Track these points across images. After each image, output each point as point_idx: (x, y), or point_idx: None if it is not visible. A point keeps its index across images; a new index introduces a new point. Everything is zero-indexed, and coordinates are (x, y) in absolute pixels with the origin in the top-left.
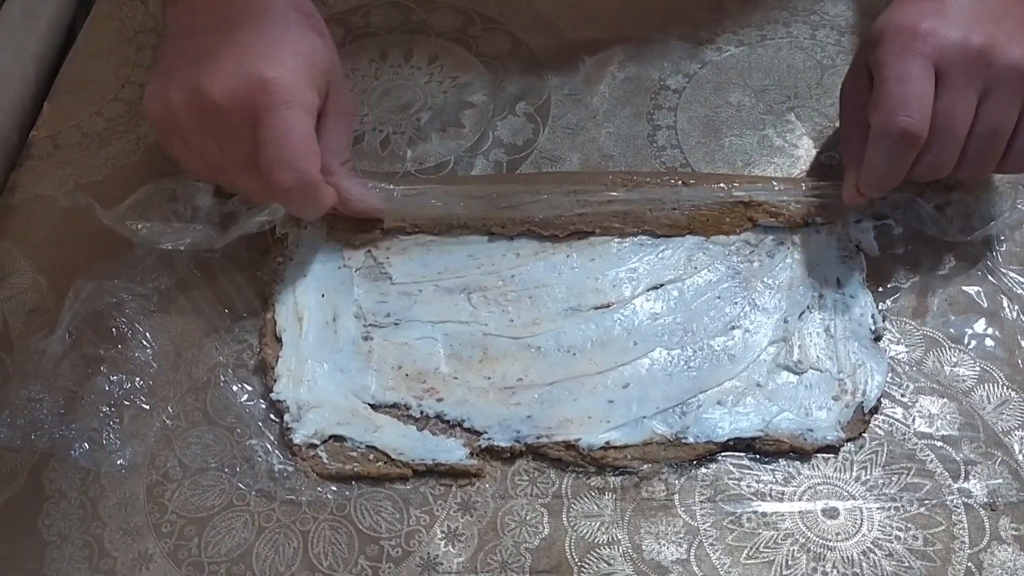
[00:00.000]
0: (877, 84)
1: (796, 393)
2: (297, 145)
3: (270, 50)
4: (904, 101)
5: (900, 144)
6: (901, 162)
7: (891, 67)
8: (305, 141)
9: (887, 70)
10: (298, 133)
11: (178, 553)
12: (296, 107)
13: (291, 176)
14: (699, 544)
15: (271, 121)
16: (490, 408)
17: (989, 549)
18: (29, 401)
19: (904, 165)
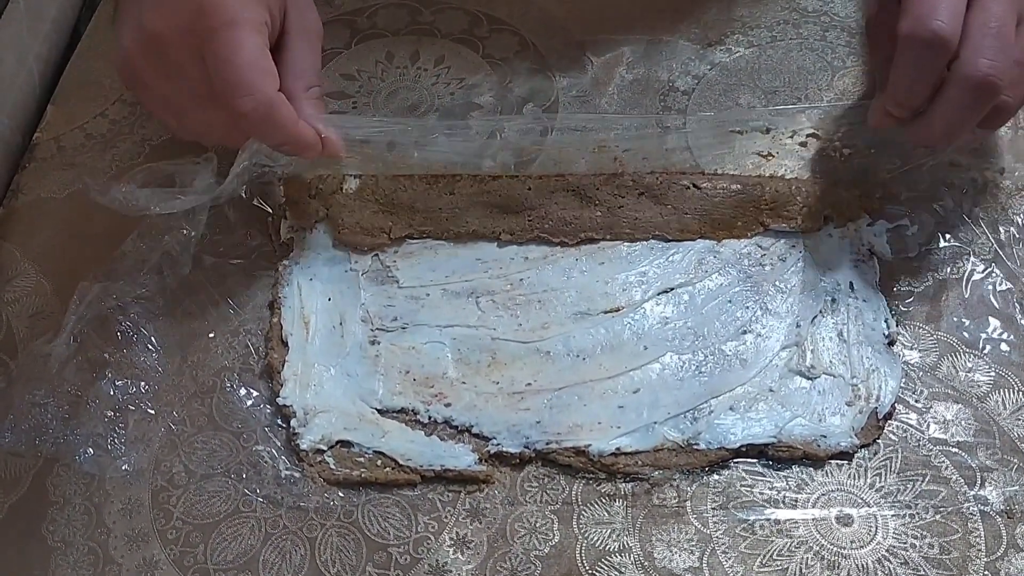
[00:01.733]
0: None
1: (809, 399)
2: (247, 64)
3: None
4: (935, 6)
5: (929, 49)
6: (930, 70)
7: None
8: (255, 59)
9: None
10: (246, 51)
11: (184, 560)
12: (240, 25)
13: (246, 99)
14: (711, 552)
15: (215, 44)
16: (499, 413)
17: (1006, 557)
18: (34, 406)
19: (932, 76)
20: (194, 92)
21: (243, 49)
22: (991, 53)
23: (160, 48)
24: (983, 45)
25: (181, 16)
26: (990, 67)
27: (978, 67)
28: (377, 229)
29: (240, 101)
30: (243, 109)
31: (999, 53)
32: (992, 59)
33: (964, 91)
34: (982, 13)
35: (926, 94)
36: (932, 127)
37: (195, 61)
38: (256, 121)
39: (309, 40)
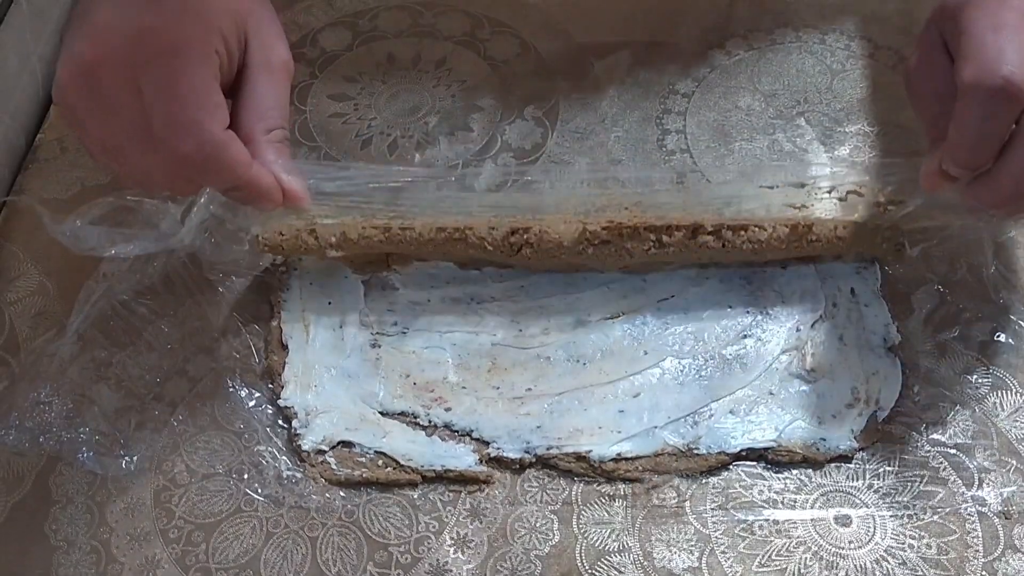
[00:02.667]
0: (964, 41)
1: (809, 402)
2: (189, 100)
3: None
4: (1002, 50)
5: (999, 100)
6: (1000, 124)
7: (982, 20)
8: (199, 92)
9: (977, 24)
10: (188, 85)
11: (186, 559)
12: (183, 54)
13: (188, 139)
14: (711, 552)
15: (153, 77)
16: (499, 418)
17: (1003, 558)
18: (37, 404)
19: (1002, 130)
20: (132, 131)
21: (185, 81)
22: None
23: (94, 81)
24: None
25: (117, 43)
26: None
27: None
28: (378, 256)
29: (181, 140)
30: (184, 149)
31: None
32: None
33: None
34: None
35: (994, 152)
36: (999, 188)
37: (132, 95)
38: (200, 163)
39: (273, 75)
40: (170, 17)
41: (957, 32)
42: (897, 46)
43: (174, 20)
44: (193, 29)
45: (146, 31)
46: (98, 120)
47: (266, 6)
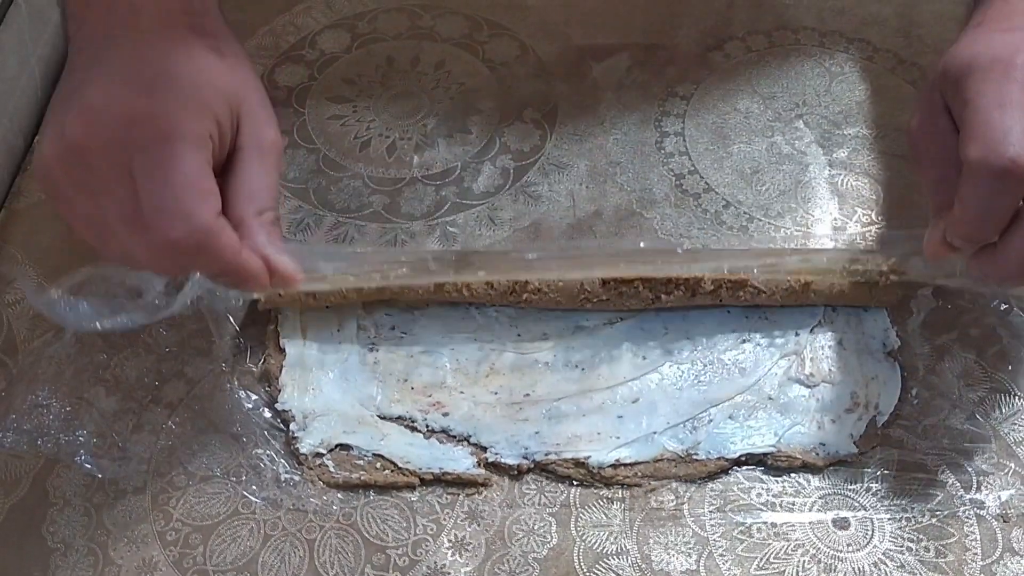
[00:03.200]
0: (969, 115)
1: (808, 406)
2: (182, 185)
3: (142, 78)
4: (1008, 129)
5: (1005, 179)
6: (1004, 204)
7: (987, 95)
8: (192, 179)
9: (982, 98)
10: (183, 171)
11: (183, 561)
12: (178, 140)
13: (179, 226)
14: (709, 555)
15: (145, 163)
16: (497, 423)
17: (1002, 561)
18: (35, 407)
19: (1007, 208)
20: (121, 213)
21: (179, 168)
22: None
23: (83, 161)
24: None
25: (109, 126)
26: None
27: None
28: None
29: (172, 227)
30: (174, 236)
31: None
32: None
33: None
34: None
35: (999, 228)
36: (1005, 264)
37: (123, 178)
38: (189, 250)
39: (264, 158)
40: (164, 102)
41: (961, 102)
42: (895, 48)
43: (168, 105)
44: (187, 115)
45: (140, 116)
46: (85, 199)
47: (258, 87)
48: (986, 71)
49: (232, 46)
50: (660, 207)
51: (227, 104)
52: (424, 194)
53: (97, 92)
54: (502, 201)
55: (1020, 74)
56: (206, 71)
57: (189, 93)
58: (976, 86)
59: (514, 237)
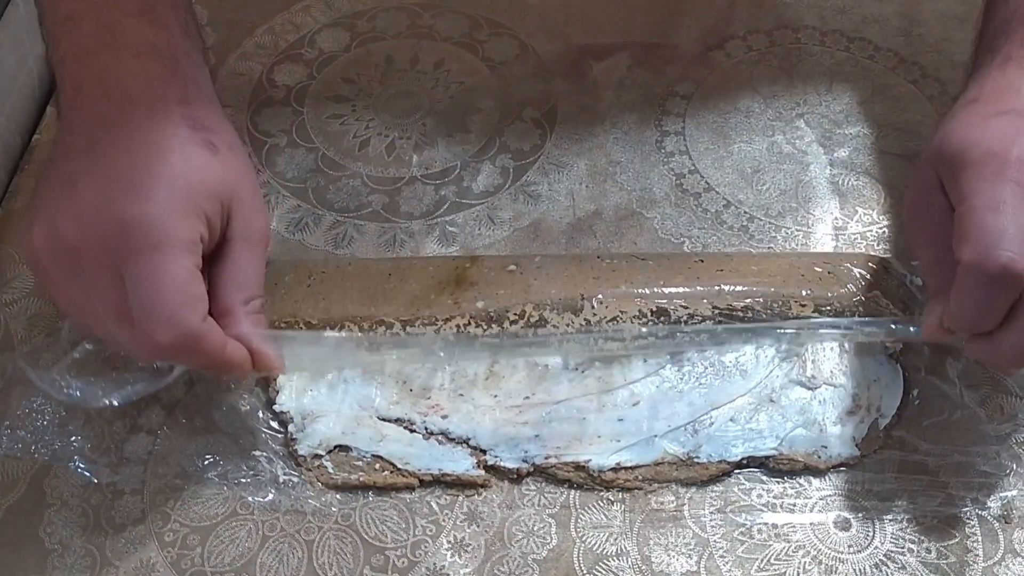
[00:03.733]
0: (963, 213)
1: (810, 409)
2: (171, 295)
3: (136, 179)
4: (1001, 233)
5: (999, 283)
6: (998, 304)
7: (981, 194)
8: (181, 287)
9: (976, 197)
10: (171, 280)
11: (181, 562)
12: (167, 248)
13: (166, 331)
14: (709, 556)
15: (136, 269)
16: (496, 427)
17: (1004, 562)
18: (30, 412)
19: (1002, 307)
20: (109, 309)
21: (168, 275)
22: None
23: (75, 262)
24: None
25: (100, 230)
26: None
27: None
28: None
29: (160, 332)
30: (162, 341)
31: None
32: None
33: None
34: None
35: (994, 323)
36: (1001, 353)
37: (113, 280)
38: (175, 352)
39: (252, 249)
40: (156, 208)
41: (956, 195)
42: (896, 48)
43: (160, 212)
44: (178, 220)
45: (132, 222)
46: (75, 290)
47: (249, 177)
48: (980, 167)
49: (226, 136)
50: (660, 206)
51: (218, 200)
52: (423, 193)
53: (90, 191)
54: (502, 200)
55: (1014, 172)
56: (199, 170)
57: (182, 195)
58: (970, 184)
59: (514, 237)
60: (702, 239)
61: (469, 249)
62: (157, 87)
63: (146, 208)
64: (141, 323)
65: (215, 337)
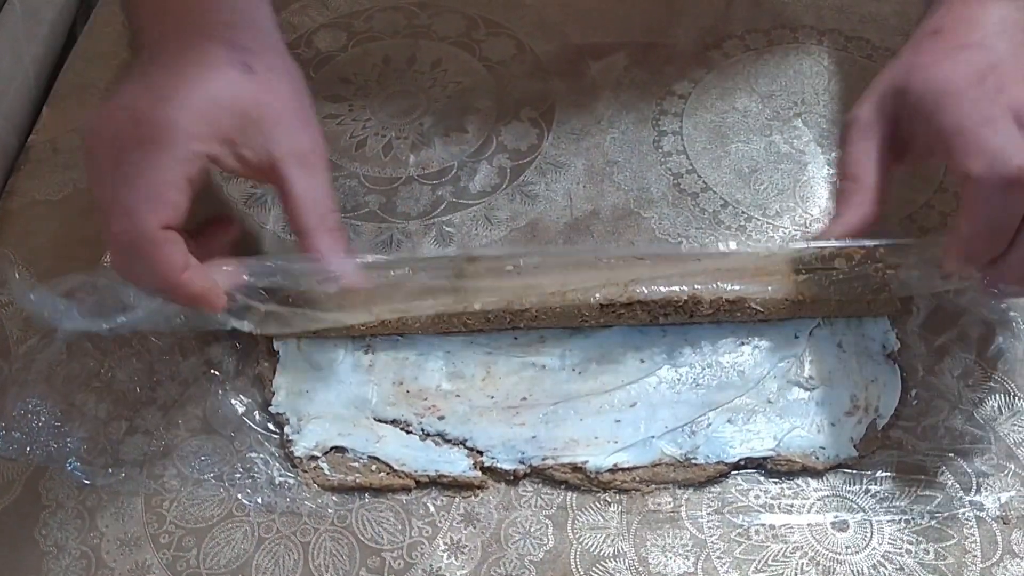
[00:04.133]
0: (957, 137)
1: (808, 409)
2: (140, 189)
3: (163, 86)
4: (1005, 142)
5: (1014, 189)
6: (1014, 213)
7: (972, 116)
8: (156, 187)
9: (968, 119)
10: (151, 177)
11: (176, 564)
12: (164, 148)
13: (119, 221)
14: (706, 557)
15: (129, 157)
16: (493, 428)
17: (1002, 563)
18: (26, 413)
19: (1016, 218)
20: (102, 198)
21: (150, 173)
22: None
23: (92, 148)
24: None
25: (117, 122)
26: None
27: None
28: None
29: (115, 222)
30: (114, 230)
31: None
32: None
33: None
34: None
35: (1008, 239)
36: (1011, 272)
37: (113, 170)
38: (125, 249)
39: (303, 166)
40: (167, 112)
41: (939, 127)
42: (894, 47)
43: (170, 115)
44: (186, 128)
45: (142, 120)
46: (95, 186)
47: (291, 97)
48: (960, 96)
49: (268, 60)
50: (658, 206)
51: (247, 119)
52: (420, 193)
53: (126, 95)
54: (499, 200)
55: (996, 95)
56: (228, 88)
57: (200, 106)
58: (957, 110)
59: (511, 237)
60: (699, 239)
61: (466, 249)
62: (206, 13)
63: (157, 109)
64: (107, 211)
65: (170, 252)
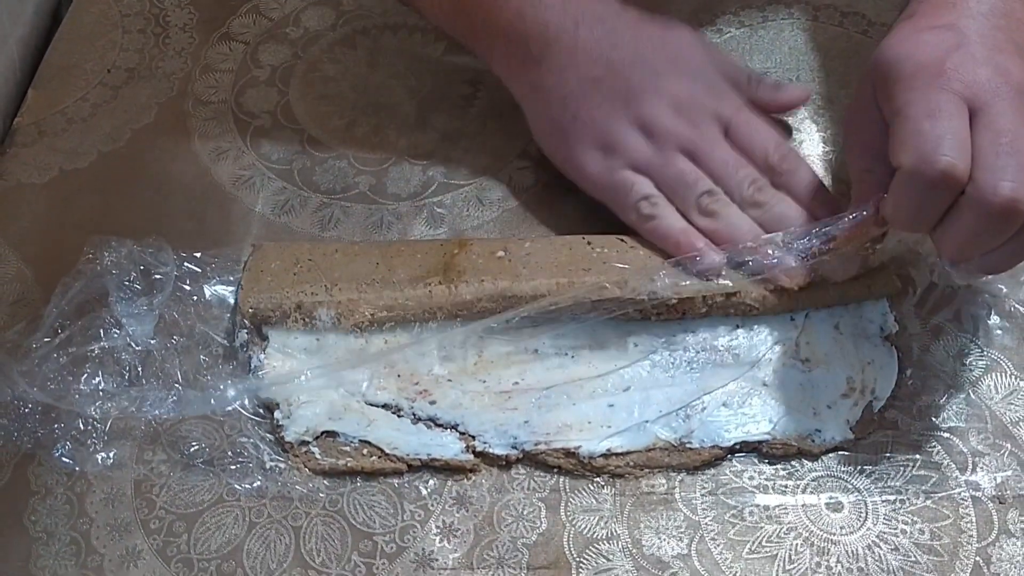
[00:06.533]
0: (899, 122)
1: (804, 393)
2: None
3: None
4: (939, 138)
5: (938, 187)
6: (935, 207)
7: (916, 103)
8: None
9: (911, 107)
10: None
11: (167, 550)
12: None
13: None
14: (700, 539)
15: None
16: (485, 412)
17: (997, 543)
18: (12, 400)
19: (938, 210)
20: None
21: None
22: (1011, 173)
23: None
24: (998, 165)
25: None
26: (1012, 190)
27: (998, 192)
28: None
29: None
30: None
31: (1019, 172)
32: (1013, 180)
33: (982, 217)
34: (989, 130)
35: (930, 225)
36: (942, 247)
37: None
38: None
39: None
40: None
41: (890, 108)
42: (890, 22)
43: None
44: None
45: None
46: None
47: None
48: (913, 78)
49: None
50: None
51: None
52: (411, 175)
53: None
54: (490, 181)
55: (948, 81)
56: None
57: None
58: (905, 94)
59: (503, 218)
60: None
61: (457, 231)
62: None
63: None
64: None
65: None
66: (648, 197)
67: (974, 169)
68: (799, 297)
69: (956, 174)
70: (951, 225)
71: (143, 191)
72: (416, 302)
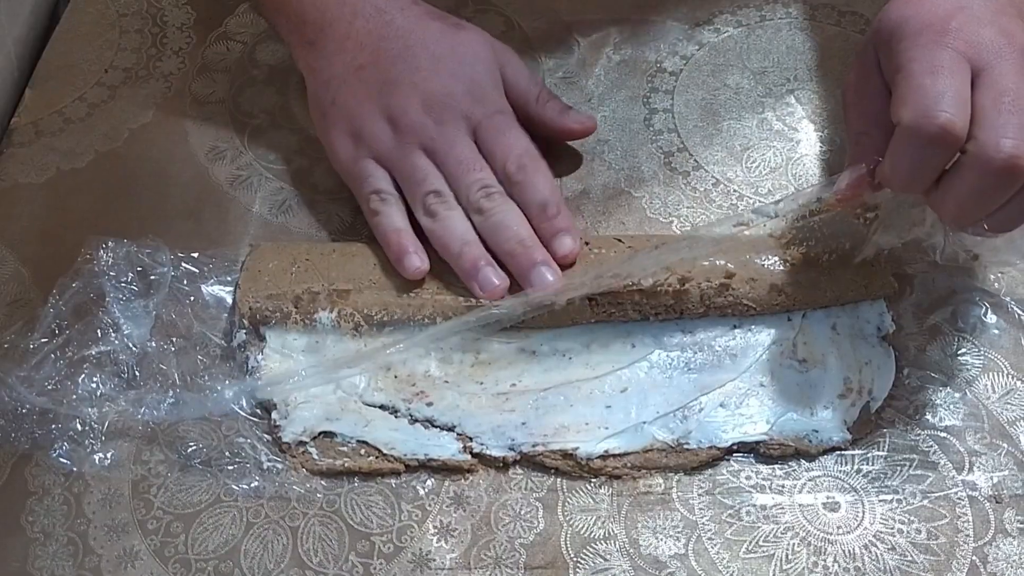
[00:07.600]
0: (902, 80)
1: (801, 393)
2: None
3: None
4: (940, 95)
5: (936, 144)
6: (933, 165)
7: (919, 60)
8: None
9: (914, 64)
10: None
11: (164, 550)
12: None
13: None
14: (697, 538)
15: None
16: (483, 414)
17: (994, 542)
18: (10, 400)
19: (936, 169)
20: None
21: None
22: (1012, 131)
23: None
24: (999, 123)
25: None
26: (1014, 147)
27: (1000, 149)
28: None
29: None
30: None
31: (1020, 130)
32: (1014, 137)
33: (984, 175)
34: (991, 89)
35: (926, 185)
36: (943, 209)
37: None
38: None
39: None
40: None
41: (893, 66)
42: None
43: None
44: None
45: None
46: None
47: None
48: (917, 36)
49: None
50: (649, 185)
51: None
52: None
53: None
54: None
55: (951, 40)
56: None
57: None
58: (908, 51)
59: None
60: (691, 218)
61: None
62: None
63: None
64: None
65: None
66: (379, 192)
67: (976, 127)
68: (797, 297)
69: (955, 130)
70: (952, 185)
71: (140, 191)
72: (413, 303)
